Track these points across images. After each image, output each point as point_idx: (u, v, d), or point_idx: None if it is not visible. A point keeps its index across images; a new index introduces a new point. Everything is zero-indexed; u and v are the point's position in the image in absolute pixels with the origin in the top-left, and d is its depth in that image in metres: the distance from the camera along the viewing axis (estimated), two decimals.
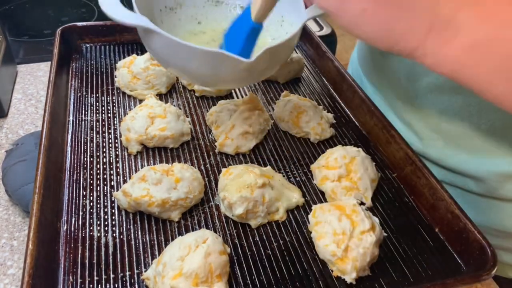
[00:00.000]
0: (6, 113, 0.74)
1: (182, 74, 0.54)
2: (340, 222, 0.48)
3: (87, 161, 0.57)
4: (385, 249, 0.50)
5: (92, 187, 0.54)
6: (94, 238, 0.48)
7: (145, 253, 0.47)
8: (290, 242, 0.50)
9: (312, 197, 0.56)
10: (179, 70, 0.49)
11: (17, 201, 0.57)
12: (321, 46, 0.80)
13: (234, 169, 0.54)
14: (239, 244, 0.49)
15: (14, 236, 0.55)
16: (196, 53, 0.43)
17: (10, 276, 0.50)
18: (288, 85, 0.77)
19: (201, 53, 0.43)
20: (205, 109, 0.69)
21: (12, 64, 0.82)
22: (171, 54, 0.46)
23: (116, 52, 0.80)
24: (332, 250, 0.46)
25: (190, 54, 0.44)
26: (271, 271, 0.47)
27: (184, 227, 0.50)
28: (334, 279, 0.47)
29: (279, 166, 0.60)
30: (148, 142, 0.59)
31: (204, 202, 0.54)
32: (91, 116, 0.64)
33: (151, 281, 0.43)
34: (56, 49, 0.70)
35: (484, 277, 0.45)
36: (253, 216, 0.51)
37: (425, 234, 0.53)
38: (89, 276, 0.44)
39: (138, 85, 0.69)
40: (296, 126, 0.64)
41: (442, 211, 0.52)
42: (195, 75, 0.49)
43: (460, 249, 0.50)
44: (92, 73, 0.74)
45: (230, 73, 0.46)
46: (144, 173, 0.51)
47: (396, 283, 0.47)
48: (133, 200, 0.49)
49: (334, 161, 0.56)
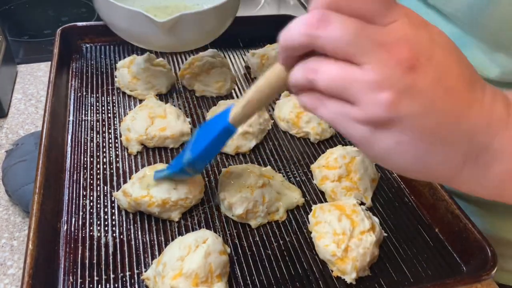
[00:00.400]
0: (6, 113, 0.74)
1: (123, 34, 0.63)
2: (340, 222, 0.48)
3: (87, 161, 0.57)
4: (385, 249, 0.50)
5: (92, 187, 0.54)
6: (94, 238, 0.48)
7: (145, 253, 0.47)
8: (290, 242, 0.50)
9: (312, 197, 0.56)
10: (120, 31, 0.62)
11: (17, 201, 0.57)
12: None
13: (234, 169, 0.54)
14: (239, 244, 0.49)
15: (14, 236, 0.55)
16: (124, 12, 0.55)
17: (10, 276, 0.50)
18: None
19: (125, 12, 0.55)
20: (205, 109, 0.69)
21: (12, 64, 0.82)
22: (111, 16, 0.59)
23: (116, 52, 0.80)
24: (332, 250, 0.46)
25: (120, 13, 0.56)
26: (271, 271, 0.47)
27: (184, 227, 0.50)
28: (334, 279, 0.47)
29: (279, 166, 0.60)
30: (148, 142, 0.59)
31: (204, 202, 0.54)
32: (91, 116, 0.64)
33: (151, 281, 0.43)
34: (56, 49, 0.70)
35: (484, 277, 0.45)
36: (253, 216, 0.51)
37: (425, 234, 0.53)
38: (89, 276, 0.44)
39: (138, 85, 0.69)
40: (296, 126, 0.64)
41: (442, 211, 0.52)
42: (129, 34, 0.61)
43: (460, 249, 0.50)
44: (92, 73, 0.74)
45: (153, 33, 0.56)
46: (144, 173, 0.51)
47: (396, 283, 0.47)
48: (133, 200, 0.49)
49: (334, 161, 0.56)
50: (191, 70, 0.72)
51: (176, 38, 0.58)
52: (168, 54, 0.81)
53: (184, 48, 0.70)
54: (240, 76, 0.78)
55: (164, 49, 0.68)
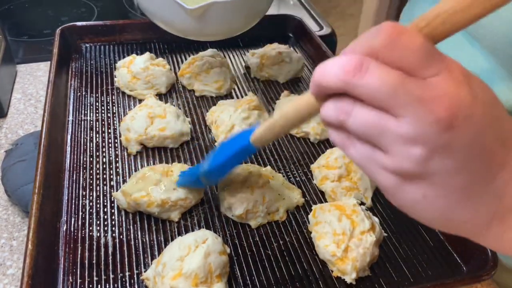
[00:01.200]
0: (5, 113, 0.74)
1: (155, 19, 0.62)
2: (340, 222, 0.47)
3: (86, 161, 0.57)
4: (385, 249, 0.50)
5: (91, 187, 0.53)
6: (93, 238, 0.48)
7: (144, 253, 0.47)
8: (290, 242, 0.50)
9: (312, 197, 0.56)
10: (152, 16, 0.61)
11: (17, 201, 0.57)
12: (321, 46, 0.80)
13: (234, 169, 0.54)
14: (239, 244, 0.49)
15: (13, 236, 0.55)
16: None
17: (9, 276, 0.50)
18: (288, 85, 0.77)
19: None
20: (205, 109, 0.69)
21: (11, 64, 0.82)
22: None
23: (115, 52, 0.80)
24: (332, 250, 0.46)
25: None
26: (271, 271, 0.47)
27: (184, 227, 0.50)
28: (334, 279, 0.47)
29: (279, 166, 0.60)
30: (148, 142, 0.59)
31: (204, 202, 0.54)
32: (91, 116, 0.64)
33: (151, 281, 0.43)
34: (56, 49, 0.70)
35: (484, 277, 0.45)
36: (253, 216, 0.51)
37: (425, 234, 0.52)
38: (88, 277, 0.44)
39: (138, 85, 0.69)
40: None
41: None
42: (156, 16, 0.60)
43: (460, 249, 0.50)
44: (91, 73, 0.74)
45: (181, 19, 0.56)
46: (143, 173, 0.51)
47: (396, 283, 0.47)
48: (133, 200, 0.49)
49: (334, 161, 0.56)
50: (190, 69, 0.72)
51: (204, 26, 0.57)
52: (167, 53, 0.81)
53: (210, 38, 0.69)
54: (240, 76, 0.78)
55: (190, 36, 0.65)
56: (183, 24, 0.58)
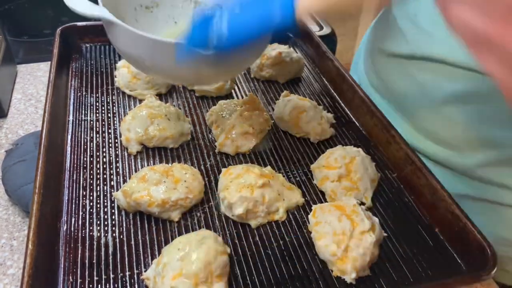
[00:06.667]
0: (6, 113, 0.74)
1: (141, 67, 0.51)
2: (340, 222, 0.47)
3: (87, 161, 0.57)
4: (385, 249, 0.50)
5: (92, 187, 0.54)
6: (94, 238, 0.48)
7: (145, 253, 0.47)
8: (290, 242, 0.50)
9: (312, 197, 0.56)
10: (135, 62, 0.49)
11: (17, 201, 0.57)
12: (321, 46, 0.80)
13: (234, 169, 0.54)
14: (239, 244, 0.49)
15: (13, 236, 0.55)
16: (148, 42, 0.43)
17: (9, 276, 0.50)
18: (288, 85, 0.77)
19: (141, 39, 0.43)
20: (205, 109, 0.69)
21: (12, 64, 0.82)
22: (126, 43, 0.46)
23: (116, 52, 0.79)
24: (332, 250, 0.46)
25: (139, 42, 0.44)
26: (271, 271, 0.47)
27: (184, 227, 0.50)
28: (334, 279, 0.47)
29: (279, 166, 0.60)
30: (148, 142, 0.59)
31: (204, 202, 0.54)
32: (91, 116, 0.64)
33: (151, 281, 0.43)
34: (56, 49, 0.70)
35: (484, 277, 0.45)
36: (253, 216, 0.51)
37: (425, 234, 0.53)
38: (89, 276, 0.44)
39: (138, 85, 0.69)
40: (296, 126, 0.64)
41: (442, 211, 0.52)
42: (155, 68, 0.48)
43: (460, 249, 0.50)
44: (92, 73, 0.74)
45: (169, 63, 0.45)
46: (144, 173, 0.51)
47: (396, 283, 0.47)
48: (133, 200, 0.49)
49: (334, 161, 0.56)
50: None
51: (186, 73, 0.50)
52: None
53: (196, 83, 0.66)
54: (240, 76, 0.78)
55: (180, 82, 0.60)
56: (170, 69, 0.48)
